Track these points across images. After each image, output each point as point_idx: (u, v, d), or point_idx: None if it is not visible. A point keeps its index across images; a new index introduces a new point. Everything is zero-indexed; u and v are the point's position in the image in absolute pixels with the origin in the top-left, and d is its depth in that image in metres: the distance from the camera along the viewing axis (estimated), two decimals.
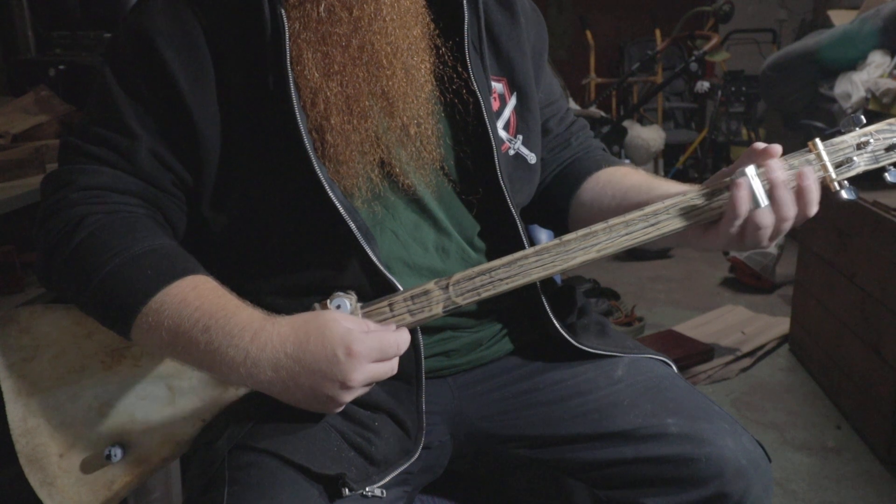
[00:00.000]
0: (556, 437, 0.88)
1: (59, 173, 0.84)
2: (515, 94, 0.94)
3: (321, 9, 0.80)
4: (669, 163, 4.65)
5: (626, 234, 0.81)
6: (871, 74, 2.98)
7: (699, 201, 0.82)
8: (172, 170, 0.84)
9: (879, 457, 1.95)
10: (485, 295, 0.81)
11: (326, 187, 0.80)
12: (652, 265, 3.67)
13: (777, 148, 0.83)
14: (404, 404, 0.85)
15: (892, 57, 3.00)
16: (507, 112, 0.93)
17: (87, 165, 0.82)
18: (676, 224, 0.82)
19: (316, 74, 0.81)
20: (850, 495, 1.83)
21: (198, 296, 0.76)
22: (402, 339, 0.78)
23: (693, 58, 3.72)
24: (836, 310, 2.22)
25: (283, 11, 0.81)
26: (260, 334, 0.74)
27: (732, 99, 4.65)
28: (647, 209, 0.82)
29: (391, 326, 0.79)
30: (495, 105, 0.92)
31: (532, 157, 0.95)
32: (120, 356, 0.84)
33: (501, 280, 0.81)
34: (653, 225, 0.82)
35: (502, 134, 0.92)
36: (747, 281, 3.25)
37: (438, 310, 0.80)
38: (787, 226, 0.83)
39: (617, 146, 3.76)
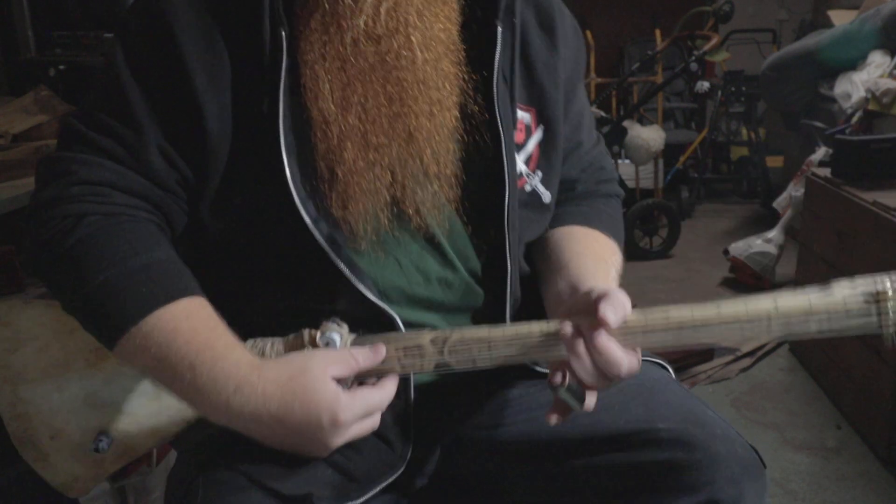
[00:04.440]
0: (545, 443, 0.86)
1: (58, 160, 0.78)
2: (542, 127, 0.88)
3: (346, 40, 0.75)
4: (669, 163, 4.65)
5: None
6: (871, 74, 2.98)
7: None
8: (178, 168, 0.79)
9: (879, 457, 1.95)
10: (480, 365, 0.76)
11: (310, 224, 0.75)
12: (652, 265, 3.67)
13: (612, 317, 0.70)
14: (390, 419, 0.82)
15: (892, 57, 3.00)
16: (531, 145, 0.88)
17: (90, 156, 0.77)
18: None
19: (332, 107, 0.76)
20: (850, 495, 1.82)
21: (190, 327, 0.73)
22: (388, 396, 0.76)
23: (693, 58, 3.71)
24: None
25: (283, 33, 0.75)
26: (243, 388, 0.71)
27: (732, 99, 4.65)
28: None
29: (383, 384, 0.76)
30: (520, 137, 0.87)
31: (547, 196, 0.90)
32: (104, 354, 0.84)
33: (500, 354, 0.75)
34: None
35: (521, 168, 0.87)
36: (747, 281, 3.24)
37: (430, 367, 0.76)
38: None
39: (617, 146, 3.76)
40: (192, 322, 0.73)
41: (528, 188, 0.88)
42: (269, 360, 0.74)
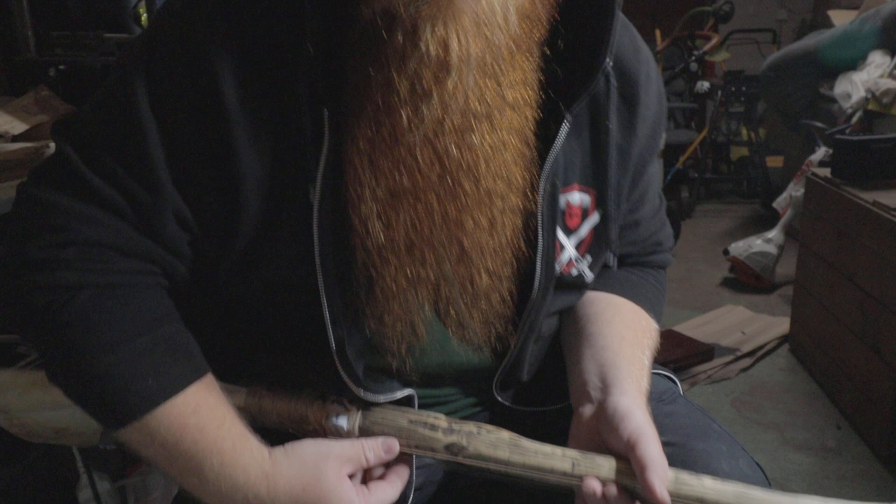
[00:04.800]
0: None
1: (53, 208, 0.65)
2: (599, 211, 0.79)
3: (400, 147, 0.62)
4: (669, 163, 4.65)
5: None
6: (871, 74, 2.98)
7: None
8: (193, 232, 0.68)
9: (879, 457, 1.95)
10: (492, 468, 0.72)
11: (328, 323, 0.68)
12: None
13: (667, 500, 0.66)
14: None
15: (892, 57, 3.01)
16: (585, 230, 0.79)
17: (90, 209, 0.65)
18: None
19: (375, 221, 0.64)
20: (850, 495, 1.82)
21: (197, 424, 0.67)
22: (398, 492, 0.72)
23: (693, 58, 3.72)
24: (836, 310, 2.22)
25: (325, 114, 0.62)
26: (252, 502, 0.67)
27: (732, 99, 4.66)
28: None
29: (392, 483, 0.72)
30: (574, 221, 0.78)
31: (590, 277, 0.82)
32: None
33: (514, 477, 0.72)
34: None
35: (571, 252, 0.79)
36: (747, 281, 3.25)
37: (440, 458, 0.73)
38: None
39: None
40: (199, 417, 0.67)
41: (574, 272, 0.81)
42: (279, 458, 0.69)
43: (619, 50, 0.73)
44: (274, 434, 0.73)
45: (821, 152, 2.94)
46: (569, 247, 0.79)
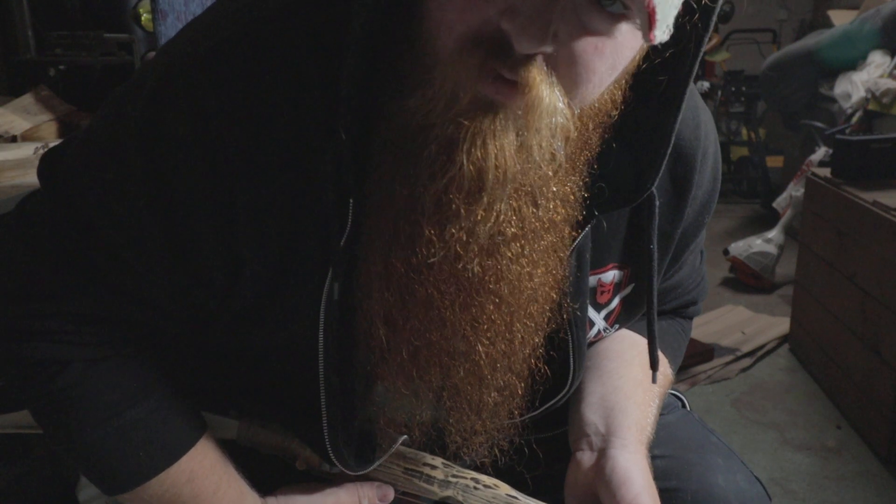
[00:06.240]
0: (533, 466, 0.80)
1: (36, 267, 0.62)
2: (633, 285, 0.76)
3: (418, 261, 0.56)
4: None
5: None
6: (871, 74, 2.99)
7: None
8: (186, 298, 0.64)
9: (879, 457, 1.95)
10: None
11: (322, 405, 0.65)
12: None
13: None
14: None
15: (892, 57, 3.01)
16: (615, 302, 0.76)
17: (75, 277, 0.62)
18: None
19: (383, 338, 0.61)
20: (850, 495, 1.83)
21: (192, 492, 0.66)
22: None
23: None
24: (836, 310, 2.22)
25: (351, 203, 0.57)
26: None
27: (732, 99, 4.65)
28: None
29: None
30: (605, 297, 0.75)
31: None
32: None
33: None
34: None
35: (600, 324, 0.76)
36: (747, 281, 3.24)
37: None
38: None
39: None
40: (194, 486, 0.67)
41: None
42: None
43: (678, 128, 0.63)
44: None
45: (821, 152, 2.95)
46: (598, 321, 0.76)
